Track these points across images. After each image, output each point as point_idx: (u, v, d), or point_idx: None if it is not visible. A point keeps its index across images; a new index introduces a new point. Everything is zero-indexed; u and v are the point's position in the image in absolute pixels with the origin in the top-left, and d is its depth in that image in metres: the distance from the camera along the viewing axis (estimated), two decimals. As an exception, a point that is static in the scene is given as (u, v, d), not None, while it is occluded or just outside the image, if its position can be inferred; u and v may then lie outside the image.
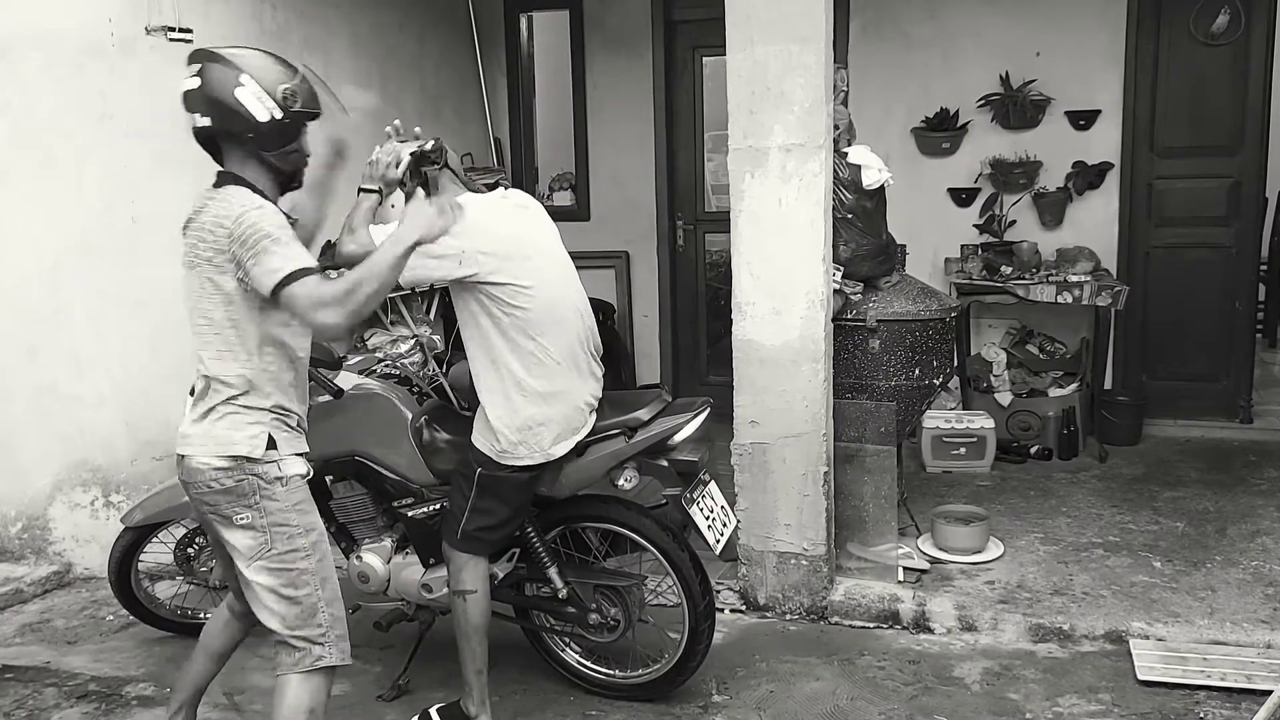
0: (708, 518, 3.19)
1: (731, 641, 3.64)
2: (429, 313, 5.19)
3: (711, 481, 3.30)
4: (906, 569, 3.95)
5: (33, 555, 4.35)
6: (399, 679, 3.35)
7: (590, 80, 6.59)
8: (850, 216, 4.08)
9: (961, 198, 5.99)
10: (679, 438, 3.04)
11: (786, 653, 3.56)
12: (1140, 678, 3.26)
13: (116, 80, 4.12)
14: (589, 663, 3.33)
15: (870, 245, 4.15)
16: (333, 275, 2.33)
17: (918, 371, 4.14)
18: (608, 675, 3.30)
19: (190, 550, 3.68)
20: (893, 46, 5.95)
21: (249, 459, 2.37)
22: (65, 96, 4.05)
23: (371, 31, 5.55)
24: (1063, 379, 5.62)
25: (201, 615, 3.75)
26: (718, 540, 3.21)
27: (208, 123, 2.37)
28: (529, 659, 3.40)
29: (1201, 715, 3.07)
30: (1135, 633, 3.50)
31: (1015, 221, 5.90)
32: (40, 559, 4.34)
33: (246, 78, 2.34)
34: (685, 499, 3.13)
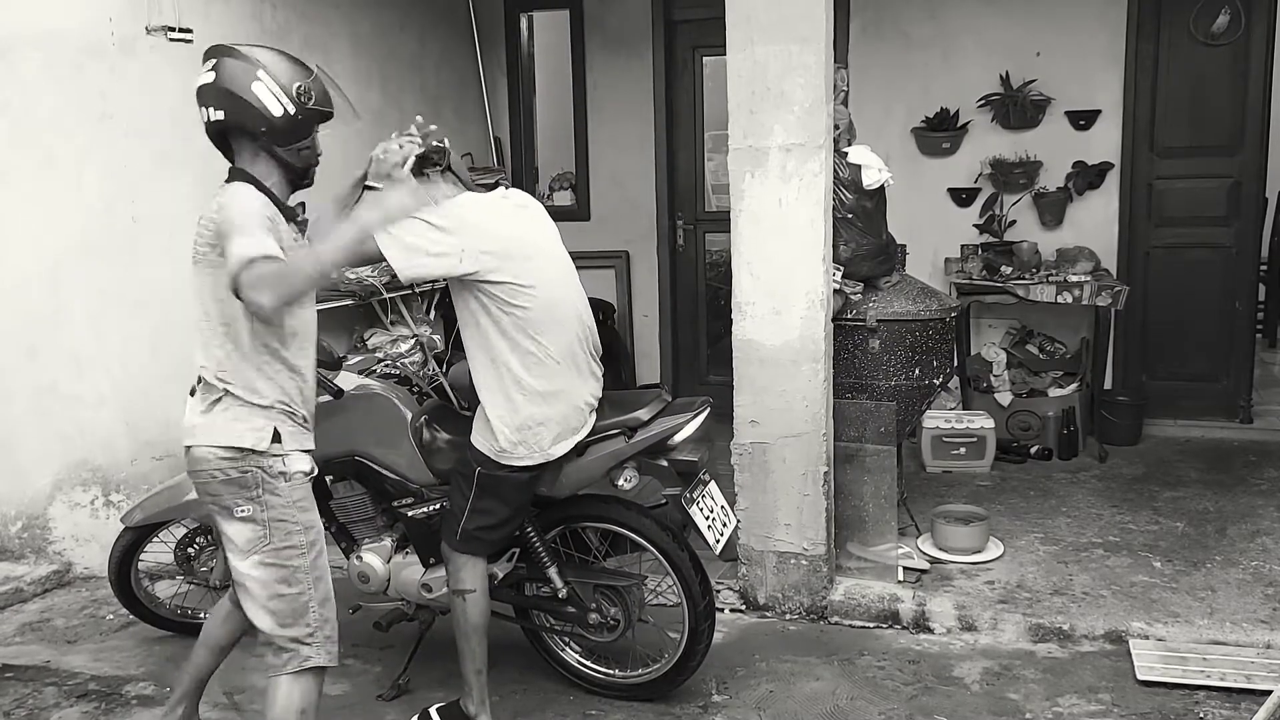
0: (708, 518, 3.19)
1: (731, 641, 3.64)
2: (429, 312, 5.20)
3: (711, 481, 3.30)
4: (906, 569, 3.95)
5: (33, 555, 4.35)
6: (399, 679, 3.35)
7: (590, 80, 6.59)
8: (850, 216, 4.08)
9: (961, 198, 5.99)
10: (679, 438, 3.04)
11: (786, 652, 3.56)
12: (1140, 678, 3.26)
13: (116, 80, 4.12)
14: (589, 662, 3.33)
15: (870, 245, 4.15)
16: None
17: (918, 371, 4.15)
18: (608, 675, 3.30)
19: (190, 550, 3.69)
20: (893, 46, 5.95)
21: (254, 451, 2.38)
22: (65, 96, 4.05)
23: (372, 31, 5.55)
24: (1063, 379, 5.62)
25: (201, 615, 3.75)
26: (718, 540, 3.21)
27: (221, 116, 2.37)
28: (529, 659, 3.40)
29: (1201, 715, 3.07)
30: (1135, 633, 3.50)
31: (1015, 221, 5.90)
32: (40, 558, 4.34)
33: (262, 72, 2.36)
34: (685, 499, 3.13)
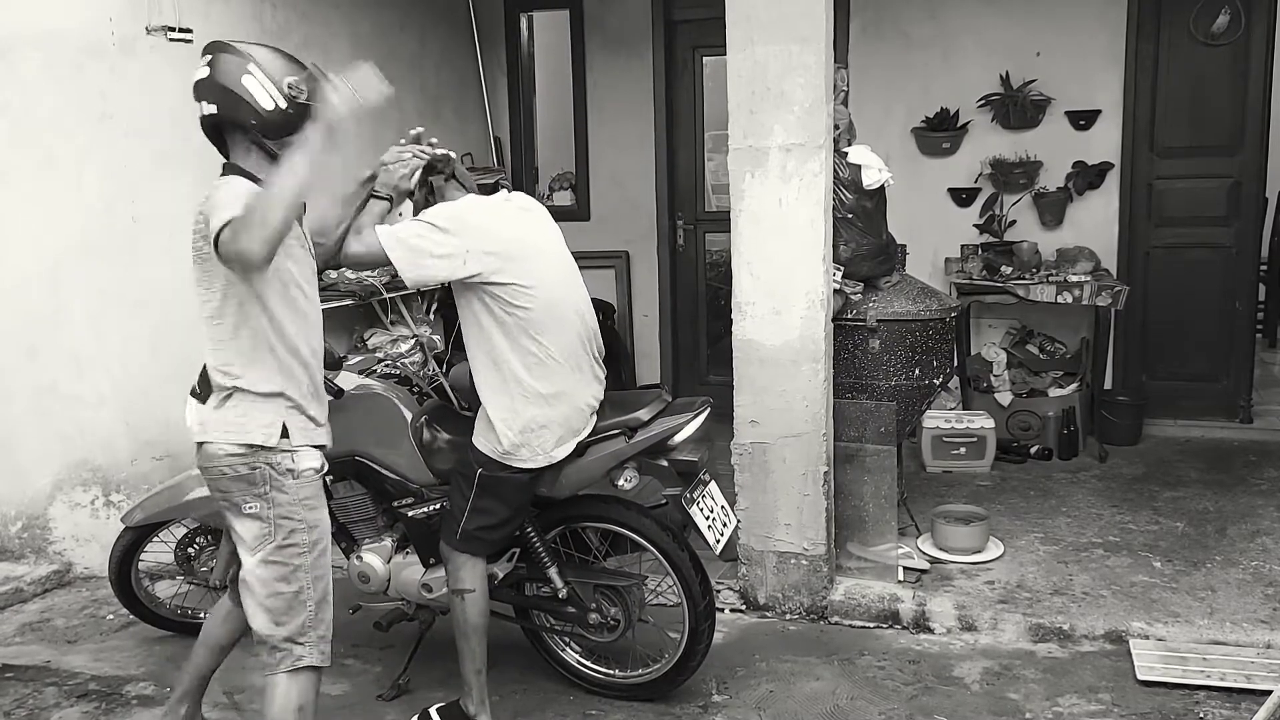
0: (708, 518, 3.19)
1: (731, 641, 3.64)
2: (429, 312, 5.21)
3: (712, 481, 3.30)
4: (906, 569, 3.95)
5: (33, 555, 4.35)
6: (399, 678, 3.35)
7: (590, 80, 6.59)
8: (850, 216, 4.08)
9: (961, 198, 5.99)
10: (679, 438, 3.04)
11: (786, 652, 3.56)
12: (1140, 678, 3.26)
13: (116, 80, 4.12)
14: (589, 662, 3.33)
15: (870, 245, 4.15)
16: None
17: (918, 371, 4.14)
18: (608, 675, 3.30)
19: (190, 550, 3.70)
20: (893, 46, 5.95)
21: (263, 447, 2.39)
22: (65, 96, 4.05)
23: (372, 31, 5.55)
24: (1063, 379, 5.62)
25: (202, 615, 3.75)
26: (718, 540, 3.21)
27: (213, 109, 2.40)
28: (529, 659, 3.40)
29: (1201, 715, 3.07)
30: (1135, 633, 3.50)
31: (1015, 221, 5.90)
32: (40, 558, 4.35)
33: (254, 66, 2.39)
34: (685, 499, 3.13)
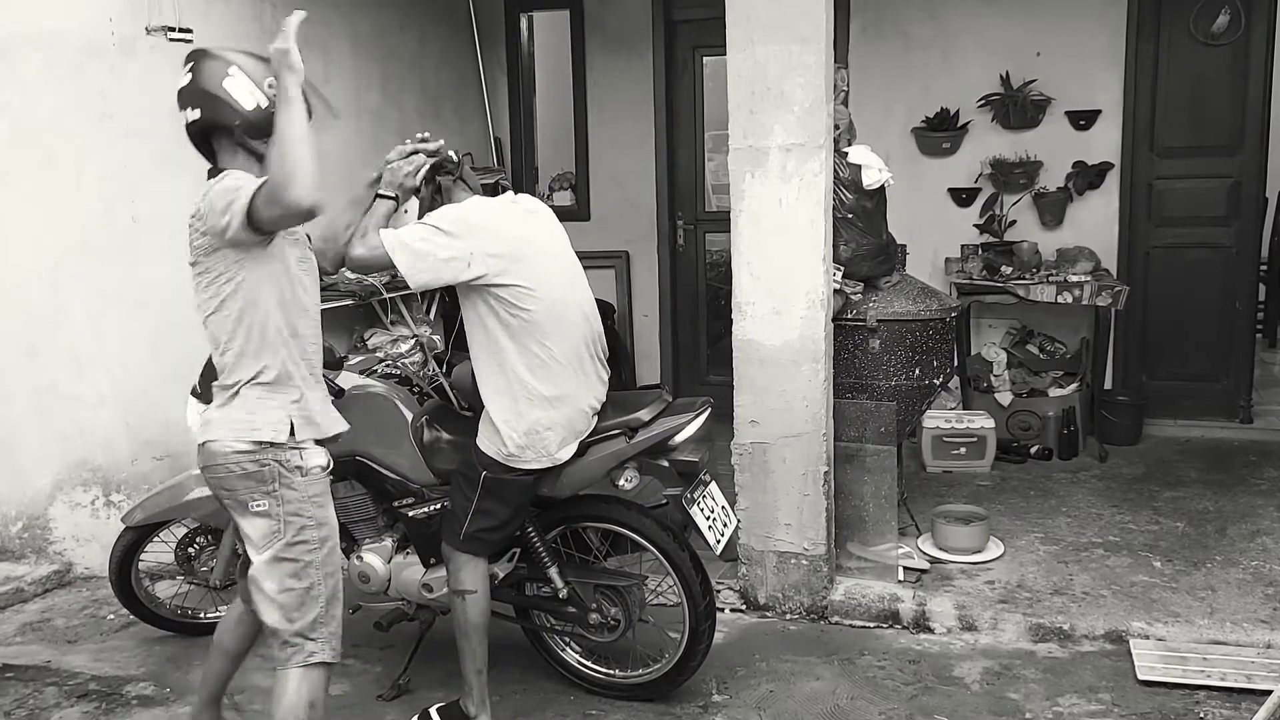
0: (708, 518, 3.19)
1: (731, 641, 3.64)
2: (429, 313, 5.21)
3: (712, 481, 3.30)
4: (906, 569, 3.95)
5: (33, 555, 4.35)
6: (399, 678, 3.35)
7: (590, 80, 6.59)
8: (850, 216, 4.08)
9: (962, 198, 5.99)
10: (680, 438, 3.04)
11: (786, 652, 3.56)
12: (1140, 677, 3.26)
13: (116, 80, 4.12)
14: (589, 662, 3.33)
15: (870, 245, 4.15)
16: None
17: (918, 371, 4.15)
18: (608, 675, 3.30)
19: (190, 550, 3.70)
20: (893, 46, 5.95)
21: (272, 444, 2.39)
22: (65, 96, 4.06)
23: (372, 31, 5.55)
24: (1063, 379, 5.62)
25: (202, 615, 3.76)
26: (718, 540, 3.21)
27: (197, 115, 2.41)
28: (529, 659, 3.40)
29: (1201, 715, 3.07)
30: (1135, 632, 3.50)
31: (1015, 221, 5.90)
32: (41, 558, 4.35)
33: (234, 69, 2.40)
34: (686, 499, 3.13)
